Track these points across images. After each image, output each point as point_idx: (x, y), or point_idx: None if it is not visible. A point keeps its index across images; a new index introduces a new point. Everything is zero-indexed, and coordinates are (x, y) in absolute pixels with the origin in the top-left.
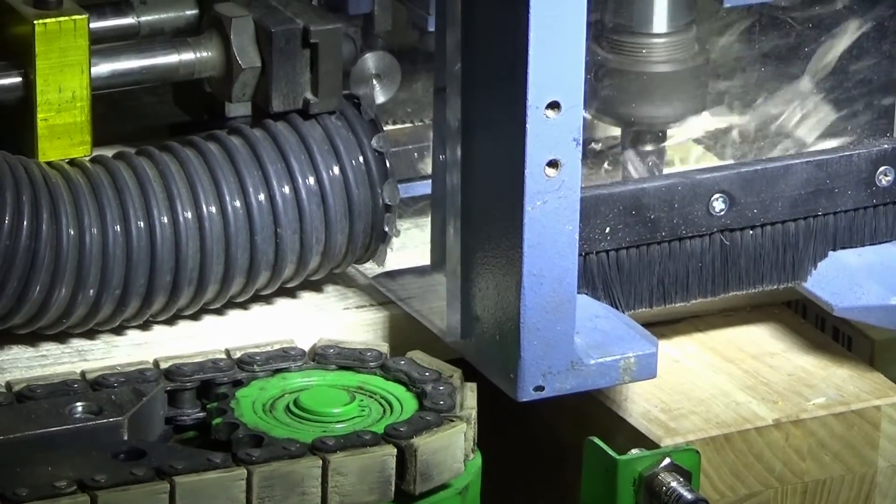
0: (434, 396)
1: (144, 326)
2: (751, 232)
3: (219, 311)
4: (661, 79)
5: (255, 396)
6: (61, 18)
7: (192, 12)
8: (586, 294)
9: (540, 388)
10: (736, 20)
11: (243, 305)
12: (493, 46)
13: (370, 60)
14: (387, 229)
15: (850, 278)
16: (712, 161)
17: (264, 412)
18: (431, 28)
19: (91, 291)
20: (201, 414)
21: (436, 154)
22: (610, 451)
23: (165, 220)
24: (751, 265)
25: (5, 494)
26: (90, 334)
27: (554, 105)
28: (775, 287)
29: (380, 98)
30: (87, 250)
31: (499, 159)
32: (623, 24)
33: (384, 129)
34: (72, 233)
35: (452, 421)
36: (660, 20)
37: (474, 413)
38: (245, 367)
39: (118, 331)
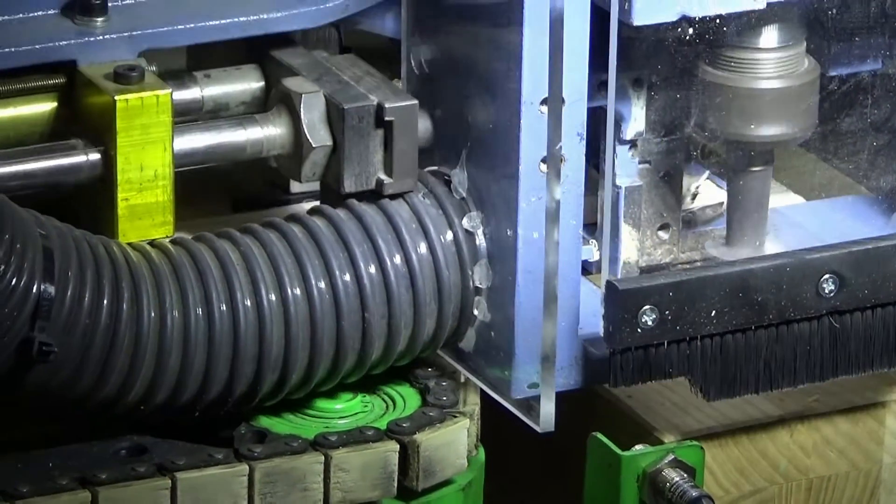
0: (437, 392)
1: None
2: (861, 314)
3: None
4: (772, 95)
5: None
6: (143, 94)
7: (257, 85)
8: (689, 380)
9: (535, 385)
10: None
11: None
12: (493, 39)
13: None
14: (476, 312)
15: None
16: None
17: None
18: None
19: (172, 377)
20: None
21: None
22: (613, 447)
23: (249, 303)
24: (860, 348)
25: (6, 491)
26: None
27: None
28: (886, 370)
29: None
30: (169, 334)
31: (503, 154)
32: (733, 40)
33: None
34: (153, 315)
35: (455, 417)
36: (769, 35)
37: (477, 409)
38: None
39: None
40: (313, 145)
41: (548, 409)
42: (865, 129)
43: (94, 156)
